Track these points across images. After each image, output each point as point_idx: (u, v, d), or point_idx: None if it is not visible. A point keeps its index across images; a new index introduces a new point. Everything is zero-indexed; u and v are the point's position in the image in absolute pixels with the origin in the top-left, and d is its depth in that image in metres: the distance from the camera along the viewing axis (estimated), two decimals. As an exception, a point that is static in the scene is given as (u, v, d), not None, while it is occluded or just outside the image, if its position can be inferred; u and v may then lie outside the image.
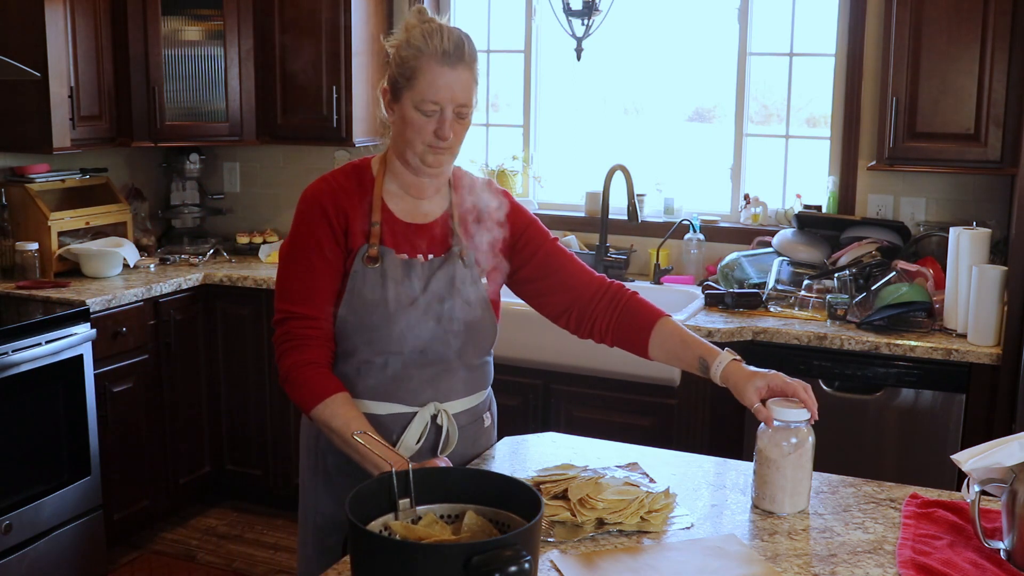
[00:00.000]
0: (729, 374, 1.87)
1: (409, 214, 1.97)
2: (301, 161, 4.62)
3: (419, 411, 1.94)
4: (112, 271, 3.90)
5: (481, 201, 2.02)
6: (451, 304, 1.92)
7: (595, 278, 2.08)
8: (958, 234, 3.11)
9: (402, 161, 1.94)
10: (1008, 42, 3.14)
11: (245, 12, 4.17)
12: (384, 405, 1.93)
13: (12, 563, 3.16)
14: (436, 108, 1.83)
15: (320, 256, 1.91)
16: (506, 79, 4.42)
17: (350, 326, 1.90)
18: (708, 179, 4.26)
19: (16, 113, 3.72)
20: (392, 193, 1.97)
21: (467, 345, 1.96)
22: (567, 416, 3.43)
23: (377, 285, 1.89)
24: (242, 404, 4.13)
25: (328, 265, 1.91)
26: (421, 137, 1.86)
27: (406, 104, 1.86)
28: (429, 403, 1.95)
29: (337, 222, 1.91)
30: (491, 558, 1.23)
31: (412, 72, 1.83)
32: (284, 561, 3.80)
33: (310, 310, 1.90)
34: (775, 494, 1.80)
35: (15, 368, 3.15)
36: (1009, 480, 1.60)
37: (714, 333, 3.21)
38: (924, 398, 3.08)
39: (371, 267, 1.90)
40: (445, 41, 1.82)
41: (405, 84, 1.84)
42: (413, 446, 1.93)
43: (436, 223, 1.98)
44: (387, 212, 1.95)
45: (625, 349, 2.05)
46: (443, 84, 1.82)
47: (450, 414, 1.97)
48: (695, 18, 4.18)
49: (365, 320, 1.89)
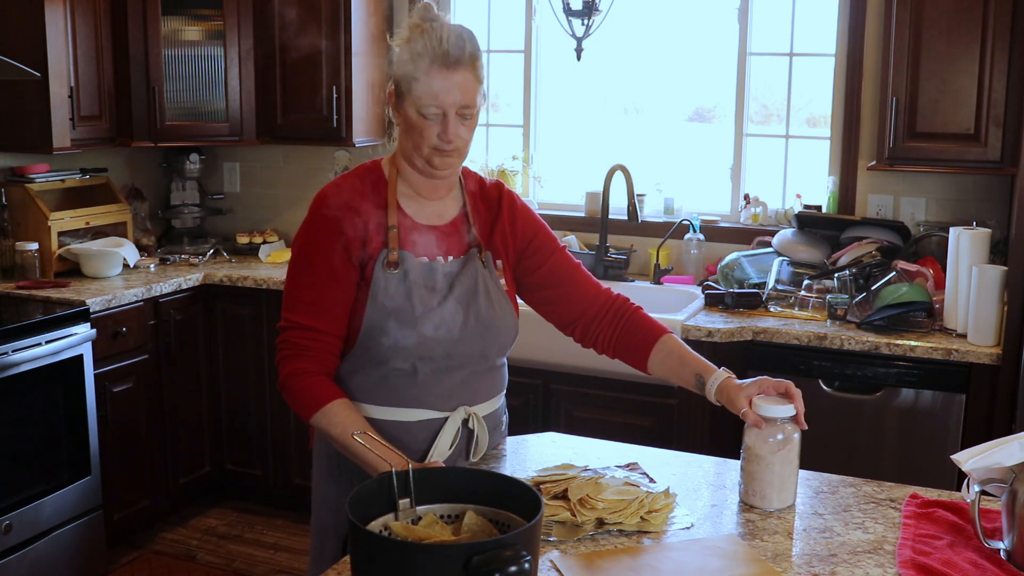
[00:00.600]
0: (722, 390, 1.90)
1: (425, 216, 1.94)
2: (301, 161, 4.62)
3: (450, 416, 1.92)
4: (112, 271, 3.90)
5: (493, 202, 2.02)
6: (476, 305, 1.91)
7: (601, 291, 2.09)
8: (958, 234, 3.11)
9: (410, 163, 1.91)
10: (1008, 42, 3.14)
11: (245, 12, 4.17)
12: (414, 412, 1.91)
13: (12, 563, 3.16)
14: (438, 112, 1.82)
15: (327, 269, 1.87)
16: (506, 79, 4.42)
17: (376, 334, 1.86)
18: (708, 179, 4.26)
19: (16, 113, 3.72)
20: (405, 195, 1.94)
21: (491, 346, 1.95)
22: (567, 416, 3.43)
23: (400, 291, 1.86)
24: (242, 404, 4.13)
25: (335, 279, 1.87)
26: (426, 140, 1.84)
27: (409, 107, 1.84)
28: (459, 407, 1.93)
29: (352, 231, 1.87)
30: (491, 558, 1.23)
31: (412, 76, 1.81)
32: (284, 561, 3.80)
33: (312, 322, 1.87)
34: (763, 490, 1.81)
35: (15, 368, 3.15)
36: (1009, 480, 1.60)
37: (714, 333, 3.21)
38: (924, 398, 3.08)
39: (392, 272, 1.86)
40: (444, 43, 1.80)
41: (407, 88, 1.83)
42: (447, 452, 1.91)
43: (452, 224, 1.96)
44: (403, 215, 1.92)
45: (626, 363, 2.08)
46: (443, 88, 1.80)
47: (480, 417, 1.96)
48: (695, 18, 4.18)
49: (391, 327, 1.85)
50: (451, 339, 1.88)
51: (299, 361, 1.87)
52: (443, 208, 1.97)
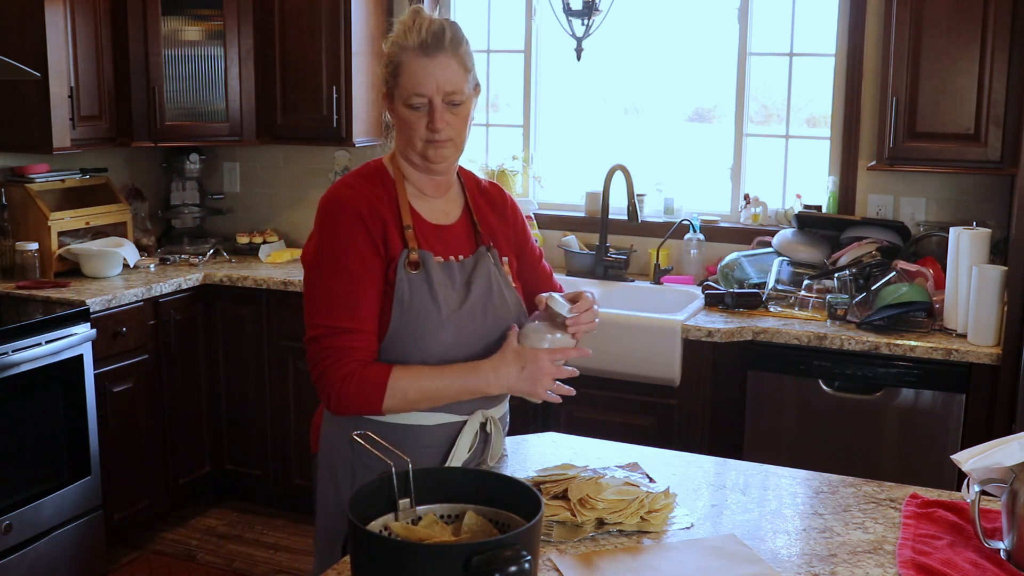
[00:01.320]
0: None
1: (434, 215, 1.93)
2: (301, 161, 4.62)
3: (468, 419, 1.90)
4: (112, 271, 3.90)
5: (495, 201, 2.03)
6: (492, 304, 1.89)
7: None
8: (958, 234, 3.11)
9: (408, 161, 1.91)
10: (1008, 42, 3.14)
11: (245, 12, 4.17)
12: (434, 415, 1.87)
13: (12, 563, 3.16)
14: (423, 100, 1.81)
15: (362, 266, 1.81)
16: (506, 79, 4.42)
17: (403, 337, 1.82)
18: (708, 179, 4.26)
19: (16, 113, 3.72)
20: (412, 195, 1.92)
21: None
22: (567, 416, 3.43)
23: (425, 292, 1.83)
24: (242, 404, 4.13)
25: (371, 275, 1.82)
26: (417, 133, 1.84)
27: (397, 102, 1.85)
28: (477, 411, 1.91)
29: (375, 229, 1.83)
30: (491, 558, 1.23)
31: (396, 69, 1.82)
32: (284, 561, 3.80)
33: (356, 323, 1.79)
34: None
35: (15, 368, 3.15)
36: (1009, 480, 1.60)
37: (714, 333, 3.21)
38: (924, 398, 3.08)
39: (415, 273, 1.83)
40: (423, 32, 1.80)
41: (393, 82, 1.84)
42: (465, 455, 1.90)
43: (459, 223, 1.96)
44: (415, 214, 1.90)
45: None
46: (424, 75, 1.80)
47: (496, 420, 1.95)
48: (695, 18, 4.18)
49: (418, 329, 1.81)
50: (473, 339, 1.86)
51: (348, 364, 1.78)
52: (448, 207, 1.96)
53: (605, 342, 3.31)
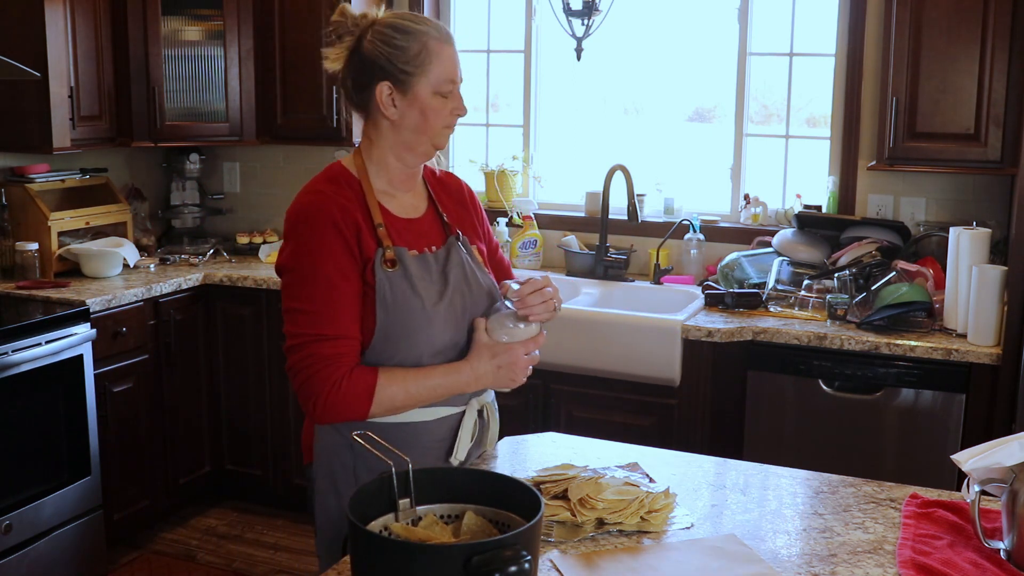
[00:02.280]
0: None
1: (403, 210, 1.95)
2: (301, 161, 4.62)
3: (466, 409, 1.93)
4: (112, 271, 3.90)
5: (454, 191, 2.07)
6: (470, 292, 1.92)
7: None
8: (958, 234, 3.11)
9: (405, 153, 1.91)
10: (1008, 42, 3.14)
11: (245, 12, 4.17)
12: (430, 411, 1.89)
13: (12, 563, 3.16)
14: (453, 85, 1.88)
15: (340, 273, 1.81)
16: (506, 79, 4.42)
17: (390, 335, 1.82)
18: (708, 179, 4.26)
19: (16, 113, 3.72)
20: (381, 192, 1.93)
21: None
22: (567, 416, 3.43)
23: (406, 287, 1.84)
24: (242, 404, 4.13)
25: (348, 282, 1.81)
26: (441, 120, 1.89)
27: (422, 92, 1.86)
28: (472, 400, 1.94)
29: (350, 234, 1.83)
30: (491, 558, 1.23)
31: (425, 59, 1.85)
32: (284, 561, 3.80)
33: (338, 330, 1.79)
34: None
35: (15, 368, 3.15)
36: (1009, 480, 1.60)
37: (714, 333, 3.21)
38: (924, 398, 3.08)
39: (393, 271, 1.84)
40: (433, 24, 1.91)
41: (418, 72, 1.85)
42: (468, 445, 1.93)
43: (426, 215, 1.99)
44: (385, 212, 1.92)
45: None
46: (453, 62, 1.88)
47: (491, 406, 1.99)
48: (695, 18, 4.18)
49: (404, 326, 1.82)
50: (457, 329, 1.88)
51: (335, 371, 1.78)
52: (415, 200, 1.99)
53: (605, 342, 3.31)
